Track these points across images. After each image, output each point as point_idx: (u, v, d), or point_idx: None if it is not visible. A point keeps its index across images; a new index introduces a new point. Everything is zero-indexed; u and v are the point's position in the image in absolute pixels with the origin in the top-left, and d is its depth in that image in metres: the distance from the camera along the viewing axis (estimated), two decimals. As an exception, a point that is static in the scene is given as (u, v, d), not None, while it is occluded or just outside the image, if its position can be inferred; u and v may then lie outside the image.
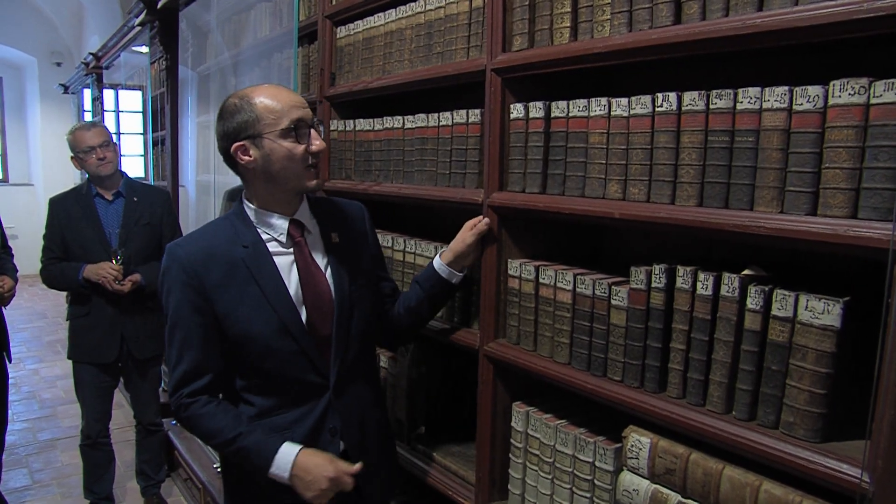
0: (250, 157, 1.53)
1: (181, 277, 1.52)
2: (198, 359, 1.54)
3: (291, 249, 1.61)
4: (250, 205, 1.61)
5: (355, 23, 2.33)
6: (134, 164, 6.57)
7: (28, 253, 5.30)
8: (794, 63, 1.34)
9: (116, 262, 3.05)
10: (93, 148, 3.07)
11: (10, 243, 3.26)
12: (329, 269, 1.65)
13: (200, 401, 1.55)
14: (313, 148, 1.54)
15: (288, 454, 1.52)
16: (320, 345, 1.60)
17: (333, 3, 2.46)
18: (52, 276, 3.10)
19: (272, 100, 1.51)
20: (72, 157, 3.17)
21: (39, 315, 8.14)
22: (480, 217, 1.74)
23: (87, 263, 3.03)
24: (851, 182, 1.04)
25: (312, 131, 1.55)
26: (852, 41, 1.09)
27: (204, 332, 1.54)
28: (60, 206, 3.14)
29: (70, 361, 3.22)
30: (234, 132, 1.52)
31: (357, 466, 1.57)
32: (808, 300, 1.09)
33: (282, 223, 1.60)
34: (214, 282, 1.53)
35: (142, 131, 6.23)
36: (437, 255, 1.79)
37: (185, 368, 1.54)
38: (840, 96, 1.05)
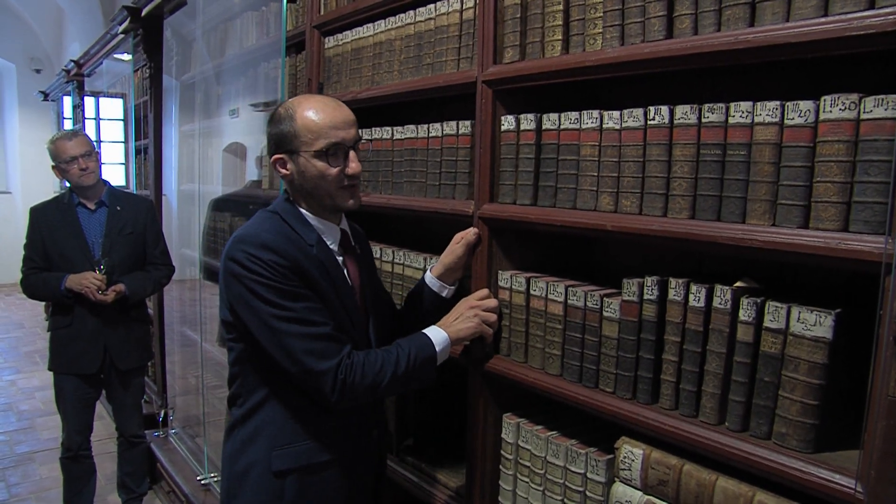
0: (287, 170, 1.55)
1: (291, 277, 1.46)
2: (336, 343, 1.49)
3: (342, 258, 1.63)
4: (300, 208, 1.59)
5: (344, 33, 2.33)
6: (115, 173, 6.50)
7: (5, 262, 5.22)
8: (786, 78, 1.36)
9: (99, 271, 3.01)
10: (75, 158, 3.02)
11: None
12: (361, 277, 1.68)
13: (355, 353, 1.50)
14: (348, 171, 1.53)
15: (433, 329, 1.61)
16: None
17: (322, 13, 2.46)
18: (33, 286, 3.05)
19: (315, 117, 1.50)
20: (53, 167, 3.12)
21: (17, 325, 8.00)
22: (470, 229, 1.74)
23: (69, 273, 2.99)
24: (843, 196, 1.06)
25: (351, 153, 1.53)
26: (843, 57, 1.11)
27: (323, 320, 1.50)
28: (42, 216, 3.09)
29: (49, 372, 3.16)
30: (276, 143, 1.55)
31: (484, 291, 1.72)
32: (800, 312, 1.11)
33: (334, 231, 1.62)
34: (313, 276, 1.50)
35: (123, 139, 6.18)
36: (428, 270, 1.80)
37: (335, 355, 1.47)
38: (831, 111, 1.06)
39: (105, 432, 4.51)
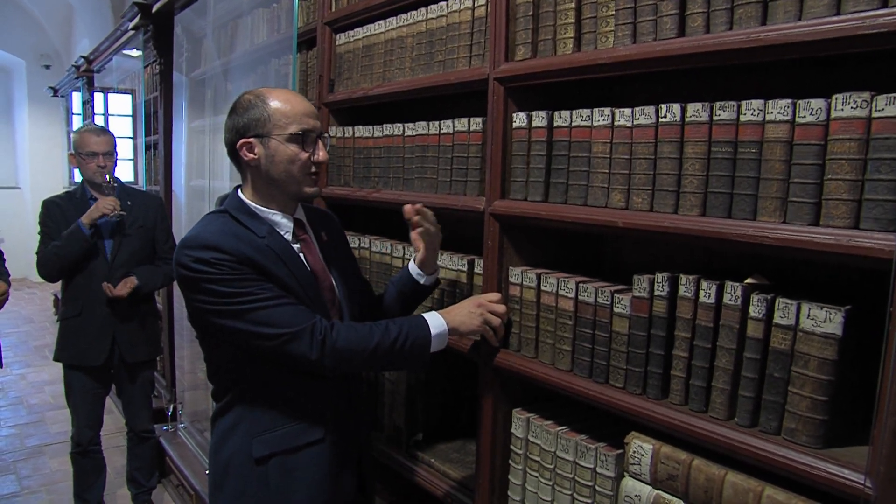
0: (254, 154, 1.56)
1: (239, 268, 1.47)
2: (305, 308, 1.52)
3: (298, 245, 1.63)
4: (250, 201, 1.60)
5: (355, 30, 2.34)
6: (123, 168, 6.52)
7: (14, 256, 5.23)
8: (797, 76, 1.37)
9: (113, 194, 3.06)
10: (96, 154, 3.09)
11: (0, 247, 3.24)
12: (328, 265, 1.69)
13: (337, 321, 1.56)
14: (316, 158, 1.57)
15: (432, 314, 1.62)
16: None
17: (333, 10, 2.47)
18: (51, 256, 3.00)
19: (286, 104, 1.55)
20: (71, 154, 3.17)
21: (26, 319, 8.06)
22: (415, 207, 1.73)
23: (79, 261, 3.02)
24: (853, 193, 1.07)
25: (319, 142, 1.59)
26: (855, 56, 1.12)
27: (285, 295, 1.51)
28: (56, 207, 3.13)
29: (58, 366, 3.18)
30: (244, 128, 1.55)
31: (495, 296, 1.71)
32: (809, 308, 1.12)
33: (286, 221, 1.62)
34: (265, 265, 1.51)
35: (131, 135, 6.20)
36: (412, 259, 1.83)
37: (307, 320, 1.49)
38: (842, 110, 1.07)
39: (115, 426, 4.55)
